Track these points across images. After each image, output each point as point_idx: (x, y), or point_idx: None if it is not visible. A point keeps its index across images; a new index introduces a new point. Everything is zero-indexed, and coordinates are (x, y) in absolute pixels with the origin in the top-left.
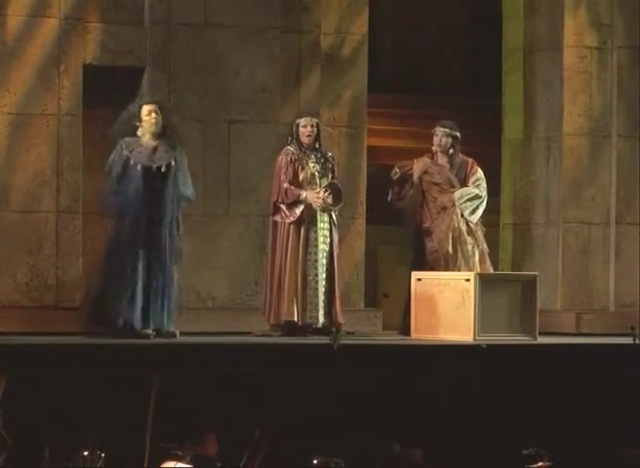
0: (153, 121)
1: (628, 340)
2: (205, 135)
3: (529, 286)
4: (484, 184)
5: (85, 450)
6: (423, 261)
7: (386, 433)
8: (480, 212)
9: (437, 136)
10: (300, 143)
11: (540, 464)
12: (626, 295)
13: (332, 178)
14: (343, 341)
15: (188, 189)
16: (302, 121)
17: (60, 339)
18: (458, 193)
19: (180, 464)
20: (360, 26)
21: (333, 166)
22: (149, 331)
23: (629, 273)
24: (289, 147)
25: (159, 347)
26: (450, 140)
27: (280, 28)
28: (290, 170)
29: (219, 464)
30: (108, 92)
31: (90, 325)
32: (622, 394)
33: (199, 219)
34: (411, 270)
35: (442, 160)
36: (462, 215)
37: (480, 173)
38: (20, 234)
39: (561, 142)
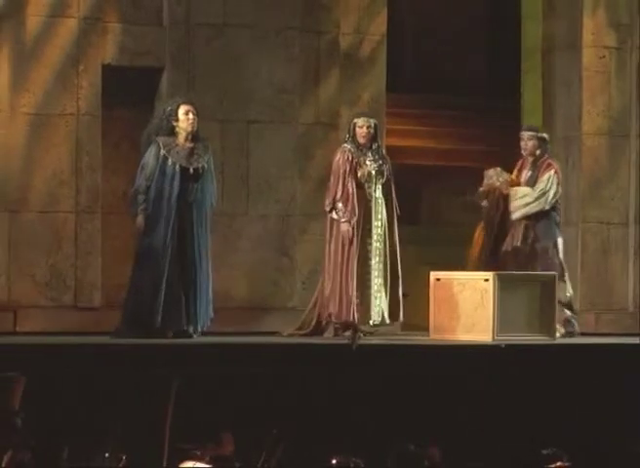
0: (190, 121)
1: None
2: (224, 135)
3: (547, 286)
4: (541, 186)
5: (104, 451)
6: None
7: (405, 433)
8: (523, 211)
9: (522, 140)
10: (357, 142)
11: (558, 464)
12: None
13: (387, 178)
14: (362, 341)
15: (213, 195)
16: (360, 121)
17: (78, 339)
18: (513, 191)
19: (198, 464)
20: (379, 26)
21: (388, 165)
22: (170, 332)
23: None
24: (346, 145)
25: (177, 347)
26: (535, 143)
27: (299, 28)
28: (349, 169)
29: (237, 464)
30: (127, 92)
31: (129, 330)
32: None
33: (218, 219)
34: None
35: (527, 165)
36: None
37: (547, 175)
38: (39, 234)
39: (580, 142)
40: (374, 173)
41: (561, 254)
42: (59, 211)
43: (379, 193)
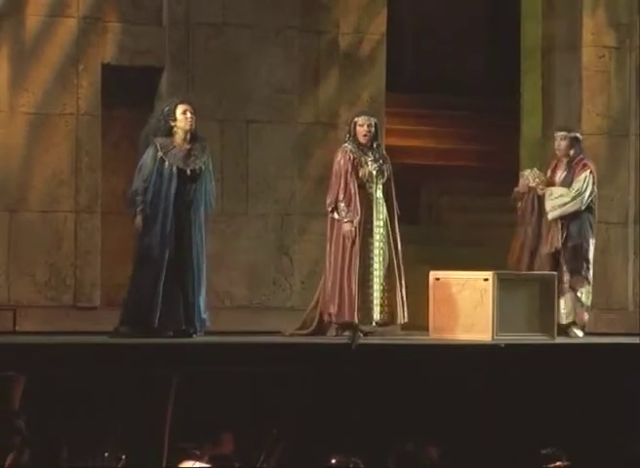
0: (189, 120)
1: None
2: (223, 134)
3: (547, 285)
4: (578, 185)
5: (104, 451)
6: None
7: (404, 432)
8: (559, 211)
9: (555, 140)
10: (357, 142)
11: (558, 464)
12: None
13: (387, 178)
14: (362, 341)
15: (212, 195)
16: (360, 119)
17: (78, 339)
18: (548, 191)
19: (198, 463)
20: (378, 26)
21: (389, 165)
22: (170, 332)
23: None
24: (347, 145)
25: (177, 347)
26: (567, 143)
27: (298, 28)
28: (350, 169)
29: (237, 464)
30: (127, 92)
31: (129, 330)
32: None
33: (217, 219)
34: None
35: (561, 165)
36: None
37: (583, 175)
38: (38, 234)
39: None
40: (375, 172)
41: (591, 256)
42: (58, 210)
43: (379, 193)
